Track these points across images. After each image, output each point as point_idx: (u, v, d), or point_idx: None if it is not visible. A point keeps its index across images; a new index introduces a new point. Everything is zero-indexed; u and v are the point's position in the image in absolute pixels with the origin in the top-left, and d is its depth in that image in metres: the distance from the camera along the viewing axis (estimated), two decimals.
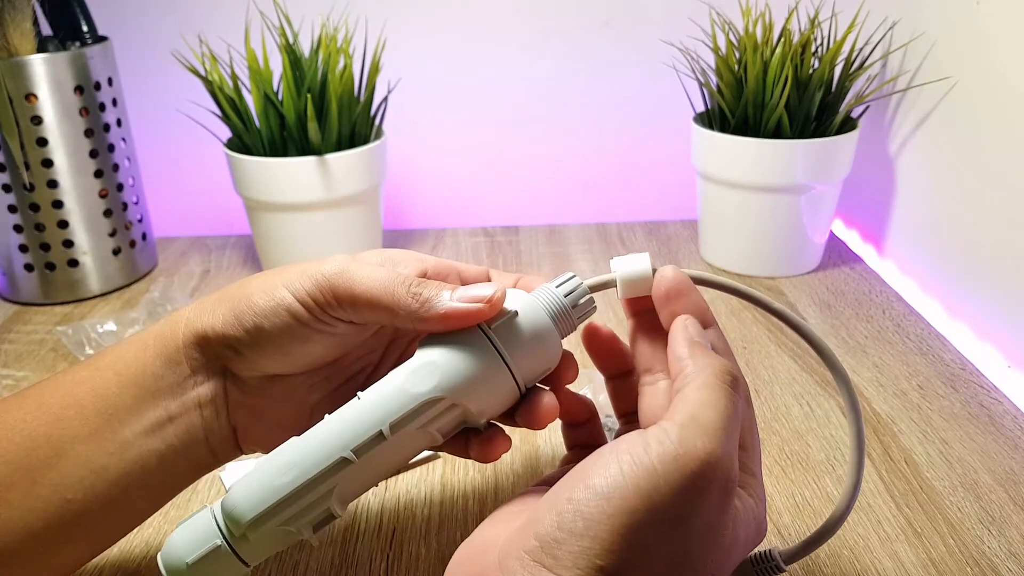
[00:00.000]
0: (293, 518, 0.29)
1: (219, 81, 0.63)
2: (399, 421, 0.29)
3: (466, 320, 0.30)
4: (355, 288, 0.31)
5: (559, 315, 0.31)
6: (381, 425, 0.29)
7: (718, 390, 0.27)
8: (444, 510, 0.43)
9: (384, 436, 0.29)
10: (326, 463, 0.29)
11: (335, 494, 0.29)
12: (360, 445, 0.29)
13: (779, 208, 0.67)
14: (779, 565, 0.32)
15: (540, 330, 0.31)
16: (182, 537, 0.29)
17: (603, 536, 0.24)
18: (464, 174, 0.84)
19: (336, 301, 0.31)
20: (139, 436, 0.32)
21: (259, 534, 0.29)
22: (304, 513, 0.29)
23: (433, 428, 0.30)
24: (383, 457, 0.30)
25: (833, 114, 0.65)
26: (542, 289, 0.32)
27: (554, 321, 0.31)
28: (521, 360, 0.30)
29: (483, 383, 0.30)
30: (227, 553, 0.29)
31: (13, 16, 0.60)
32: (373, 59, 0.66)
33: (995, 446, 0.47)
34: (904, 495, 0.43)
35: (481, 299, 0.30)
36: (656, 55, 0.76)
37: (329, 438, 0.29)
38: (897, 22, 0.68)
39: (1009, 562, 0.38)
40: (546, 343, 0.31)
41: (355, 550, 0.40)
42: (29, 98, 0.61)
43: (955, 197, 0.62)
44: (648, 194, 0.84)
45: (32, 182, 0.63)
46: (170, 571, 0.29)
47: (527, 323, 0.30)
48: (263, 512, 0.28)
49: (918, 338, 0.59)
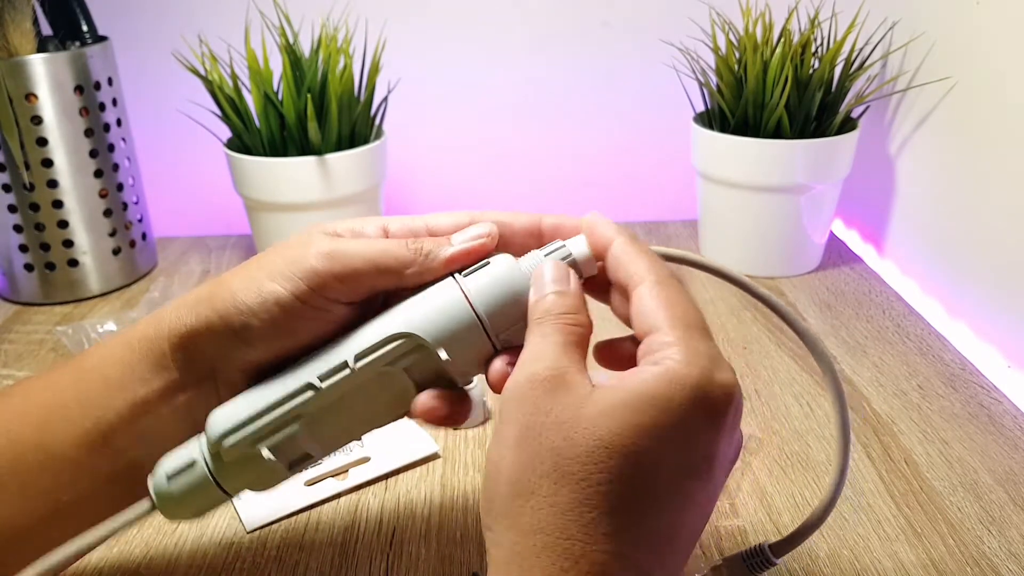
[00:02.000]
0: (263, 437, 0.30)
1: (219, 81, 0.63)
2: (364, 352, 0.30)
3: (471, 257, 0.31)
4: (354, 263, 0.30)
5: None
6: (347, 355, 0.30)
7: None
8: (444, 510, 0.43)
9: (349, 366, 0.30)
10: (294, 387, 0.30)
11: (307, 427, 0.30)
12: (325, 372, 0.30)
13: (779, 208, 0.67)
14: (770, 559, 0.32)
15: (514, 283, 0.30)
16: (169, 458, 0.31)
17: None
18: (464, 174, 0.84)
19: (338, 281, 0.30)
20: (130, 440, 0.32)
21: (233, 454, 0.30)
22: (273, 434, 0.30)
23: (401, 368, 0.30)
24: (354, 393, 0.30)
25: (833, 114, 0.65)
26: (529, 254, 0.32)
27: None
28: (493, 310, 0.30)
29: (448, 323, 0.30)
30: (203, 472, 0.30)
31: (13, 16, 0.60)
32: (373, 59, 0.66)
33: (995, 446, 0.47)
34: (904, 495, 0.43)
35: (481, 235, 0.31)
36: (656, 55, 0.76)
37: (300, 368, 0.30)
38: (897, 22, 0.68)
39: (1009, 562, 0.38)
40: (521, 298, 0.30)
41: (355, 550, 0.40)
42: (29, 98, 0.61)
43: (955, 197, 0.62)
44: (648, 194, 0.84)
45: (32, 182, 0.63)
46: (156, 489, 0.30)
47: (501, 275, 0.30)
48: (233, 426, 0.30)
49: (918, 338, 0.59)
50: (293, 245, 0.32)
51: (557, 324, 0.28)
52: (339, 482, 0.44)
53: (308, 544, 0.41)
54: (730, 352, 0.58)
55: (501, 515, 0.26)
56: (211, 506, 0.31)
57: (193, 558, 0.40)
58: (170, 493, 0.30)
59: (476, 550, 0.40)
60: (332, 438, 0.31)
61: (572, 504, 0.24)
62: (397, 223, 0.34)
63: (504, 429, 0.26)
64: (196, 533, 0.41)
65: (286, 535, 0.41)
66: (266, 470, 0.30)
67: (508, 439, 0.26)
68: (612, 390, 0.26)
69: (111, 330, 0.59)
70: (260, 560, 0.40)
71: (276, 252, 0.32)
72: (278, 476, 0.31)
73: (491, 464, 0.27)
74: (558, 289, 0.29)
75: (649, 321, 0.28)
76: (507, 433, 0.26)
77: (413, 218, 0.34)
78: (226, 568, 0.39)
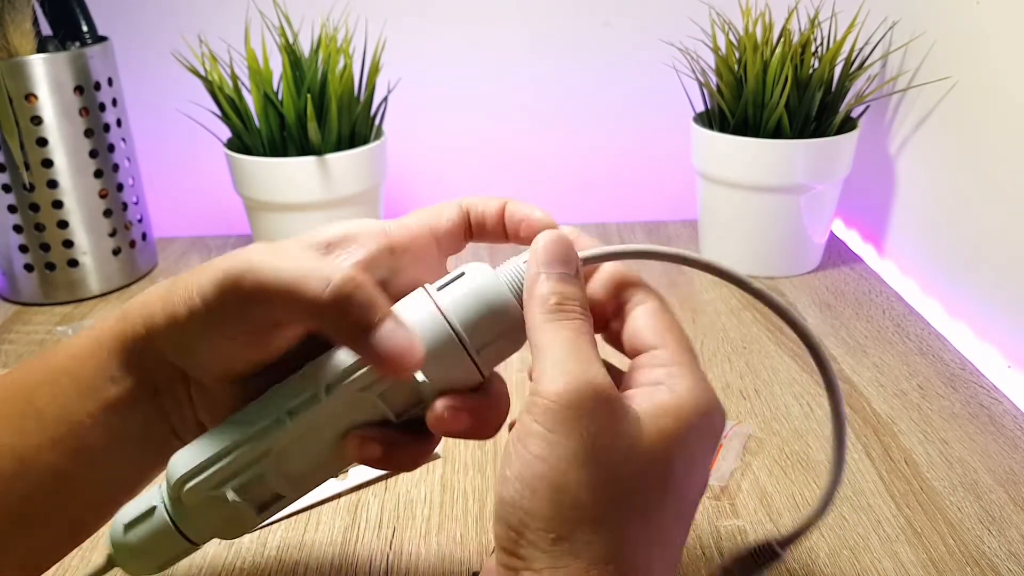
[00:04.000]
0: (227, 479, 0.27)
1: (219, 81, 0.63)
2: (335, 380, 0.27)
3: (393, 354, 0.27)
4: (265, 282, 0.26)
5: (518, 284, 0.29)
6: (317, 387, 0.28)
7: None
8: (444, 510, 0.43)
9: (319, 398, 0.27)
10: (259, 422, 0.28)
11: (275, 465, 0.28)
12: (294, 405, 0.27)
13: (779, 208, 0.67)
14: (776, 551, 0.32)
15: (492, 296, 0.28)
16: (127, 507, 0.29)
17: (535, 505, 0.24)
18: (464, 174, 0.84)
19: (241, 299, 0.27)
20: (105, 445, 0.30)
21: (194, 498, 0.27)
22: (238, 475, 0.27)
23: (376, 394, 0.27)
24: (325, 425, 0.28)
25: (833, 114, 0.65)
26: (508, 261, 0.30)
27: (513, 291, 0.29)
28: (471, 325, 0.28)
29: (425, 344, 0.27)
30: (164, 520, 0.28)
31: (13, 16, 0.60)
32: (373, 59, 0.66)
33: (995, 446, 0.47)
34: (904, 495, 0.43)
35: (403, 348, 0.26)
36: (656, 55, 0.76)
37: (267, 401, 0.28)
38: (897, 22, 0.68)
39: (1009, 562, 0.38)
40: (500, 312, 0.28)
41: (355, 550, 0.40)
42: (29, 98, 0.61)
43: (955, 197, 0.62)
44: (648, 194, 0.84)
45: (32, 182, 0.63)
46: (113, 540, 0.29)
47: (478, 288, 0.28)
48: (194, 467, 0.27)
49: (918, 338, 0.59)
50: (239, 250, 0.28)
51: (583, 319, 0.27)
52: (339, 482, 0.44)
53: (308, 544, 0.41)
54: (730, 352, 0.58)
55: (564, 538, 0.24)
56: (175, 558, 0.29)
57: (192, 558, 0.40)
58: (128, 544, 0.28)
59: (476, 550, 0.40)
60: (304, 476, 0.29)
61: (638, 537, 0.25)
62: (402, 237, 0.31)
63: (564, 443, 0.24)
64: None
65: (286, 534, 0.41)
66: (233, 514, 0.28)
67: (574, 456, 0.24)
68: (656, 418, 0.26)
69: None
70: (260, 560, 0.40)
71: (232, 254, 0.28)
72: (247, 521, 0.28)
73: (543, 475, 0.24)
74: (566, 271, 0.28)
75: (653, 338, 0.28)
76: (571, 449, 0.24)
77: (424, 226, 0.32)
78: (226, 567, 0.39)
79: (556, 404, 0.25)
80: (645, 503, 0.25)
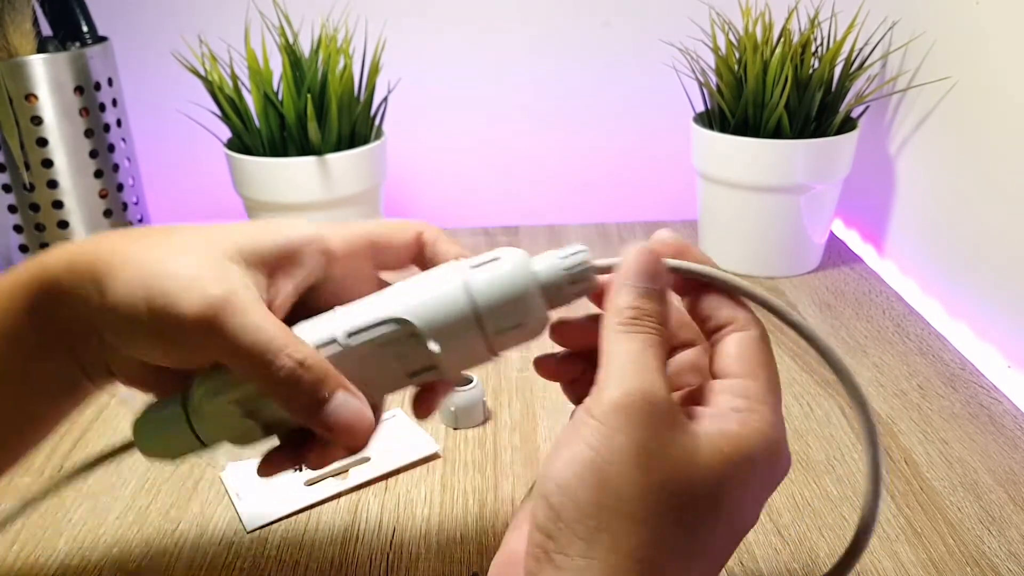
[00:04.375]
0: (240, 400, 0.29)
1: (219, 81, 0.63)
2: (356, 331, 0.29)
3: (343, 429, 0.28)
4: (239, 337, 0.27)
5: (550, 281, 0.29)
6: (337, 330, 0.29)
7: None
8: (444, 509, 0.43)
9: (338, 342, 0.29)
10: None
11: None
12: (314, 343, 0.29)
13: (779, 208, 0.67)
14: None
15: (522, 284, 0.29)
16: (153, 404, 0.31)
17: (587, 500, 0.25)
18: (464, 174, 0.84)
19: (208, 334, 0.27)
20: (20, 393, 0.31)
21: (208, 408, 0.29)
22: (251, 400, 0.29)
23: (392, 354, 0.29)
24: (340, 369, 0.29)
25: (833, 114, 0.65)
26: (545, 254, 0.30)
27: (542, 286, 0.29)
28: (494, 309, 0.29)
29: (444, 315, 0.28)
30: (180, 416, 0.29)
31: (13, 17, 0.60)
32: (373, 59, 0.66)
33: (995, 446, 0.47)
34: (904, 495, 0.43)
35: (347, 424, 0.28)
36: (656, 55, 0.76)
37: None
38: (897, 22, 0.68)
39: (1009, 562, 0.38)
40: (524, 303, 0.29)
41: (355, 549, 0.40)
42: (29, 98, 0.61)
43: (955, 197, 0.62)
44: (648, 194, 0.84)
45: (32, 182, 0.63)
46: (134, 421, 0.30)
47: (510, 273, 0.29)
48: (212, 384, 0.29)
49: (918, 338, 0.59)
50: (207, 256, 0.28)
51: (655, 334, 0.27)
52: (339, 482, 0.44)
53: (308, 544, 0.41)
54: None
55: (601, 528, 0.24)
56: (185, 451, 0.30)
57: (193, 557, 0.40)
58: (146, 428, 0.30)
59: (476, 549, 0.40)
60: None
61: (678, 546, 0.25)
62: (340, 242, 0.32)
63: (617, 437, 0.25)
64: (196, 533, 0.41)
65: (286, 535, 0.41)
66: (242, 430, 0.29)
67: (624, 452, 0.25)
68: (716, 438, 0.26)
69: None
70: (260, 560, 0.40)
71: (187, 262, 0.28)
72: (253, 436, 0.30)
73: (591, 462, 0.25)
74: (650, 286, 0.28)
75: (743, 368, 0.28)
76: (622, 444, 0.25)
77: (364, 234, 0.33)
78: (226, 567, 0.39)
79: (611, 406, 0.25)
80: (693, 518, 0.25)
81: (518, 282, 0.29)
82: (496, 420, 0.50)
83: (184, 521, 0.42)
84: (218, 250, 0.29)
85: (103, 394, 0.33)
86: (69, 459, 0.47)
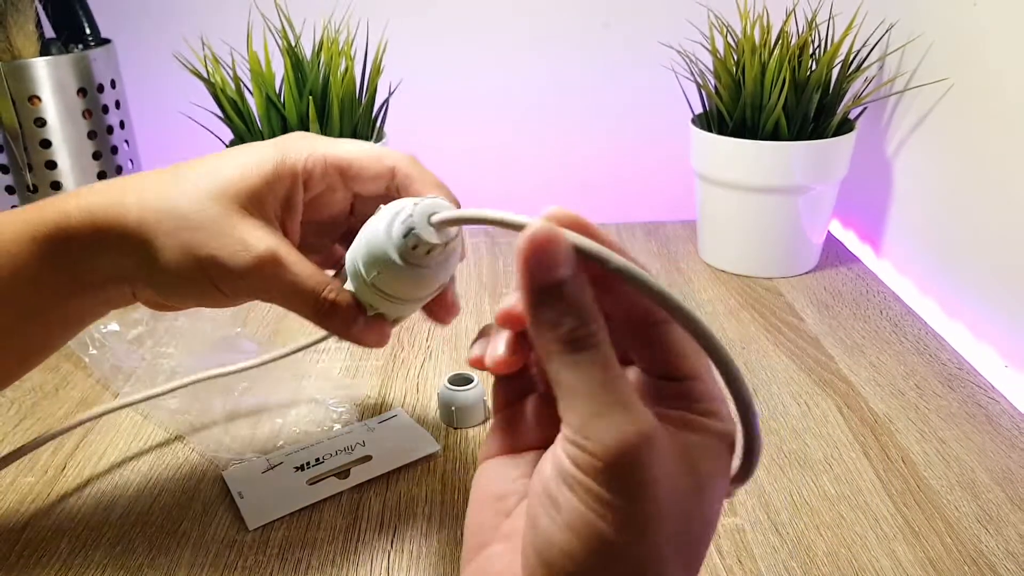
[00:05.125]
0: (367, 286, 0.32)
1: (221, 83, 0.64)
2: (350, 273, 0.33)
3: None
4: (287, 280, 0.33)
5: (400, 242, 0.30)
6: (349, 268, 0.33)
7: None
8: (445, 508, 0.43)
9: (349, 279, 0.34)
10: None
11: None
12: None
13: (777, 209, 0.67)
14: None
15: (373, 237, 0.31)
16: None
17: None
18: (464, 175, 0.84)
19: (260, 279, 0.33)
20: (52, 329, 0.36)
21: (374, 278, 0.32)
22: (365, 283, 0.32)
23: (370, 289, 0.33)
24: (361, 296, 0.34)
25: (831, 115, 0.66)
26: (413, 206, 0.30)
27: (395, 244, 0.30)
28: (365, 262, 0.32)
29: (365, 261, 0.32)
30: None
31: (16, 18, 0.60)
32: (375, 61, 0.67)
33: (992, 445, 0.47)
34: (901, 494, 0.44)
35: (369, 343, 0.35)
36: (655, 57, 0.76)
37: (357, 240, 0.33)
38: (894, 24, 0.68)
39: (1006, 561, 0.39)
40: (376, 253, 0.31)
41: (356, 548, 0.40)
42: (32, 100, 0.61)
43: (952, 197, 0.62)
44: (647, 195, 0.85)
45: (35, 184, 0.63)
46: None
47: (369, 227, 0.32)
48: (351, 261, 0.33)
49: (915, 338, 0.59)
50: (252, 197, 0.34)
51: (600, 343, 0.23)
52: (341, 480, 0.45)
53: (310, 542, 0.41)
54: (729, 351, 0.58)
55: None
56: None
57: (196, 556, 0.40)
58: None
59: None
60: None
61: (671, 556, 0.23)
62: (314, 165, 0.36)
63: (627, 507, 0.22)
64: (198, 531, 0.42)
65: (288, 533, 0.42)
66: (377, 305, 0.34)
67: (637, 519, 0.22)
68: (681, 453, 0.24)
69: (114, 330, 0.60)
70: (262, 558, 0.40)
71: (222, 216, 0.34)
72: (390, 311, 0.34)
73: (600, 535, 0.22)
74: (568, 285, 0.22)
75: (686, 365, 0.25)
76: (634, 511, 0.22)
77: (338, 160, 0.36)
78: (228, 566, 0.39)
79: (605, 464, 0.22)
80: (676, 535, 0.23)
81: (373, 232, 0.31)
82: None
83: (186, 520, 0.43)
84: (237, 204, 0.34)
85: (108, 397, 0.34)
86: (72, 459, 0.48)
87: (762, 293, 0.67)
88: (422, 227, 0.30)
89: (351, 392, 0.54)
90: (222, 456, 0.47)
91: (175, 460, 0.48)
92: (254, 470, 0.46)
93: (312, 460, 0.46)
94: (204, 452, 0.48)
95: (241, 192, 0.34)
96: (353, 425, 0.50)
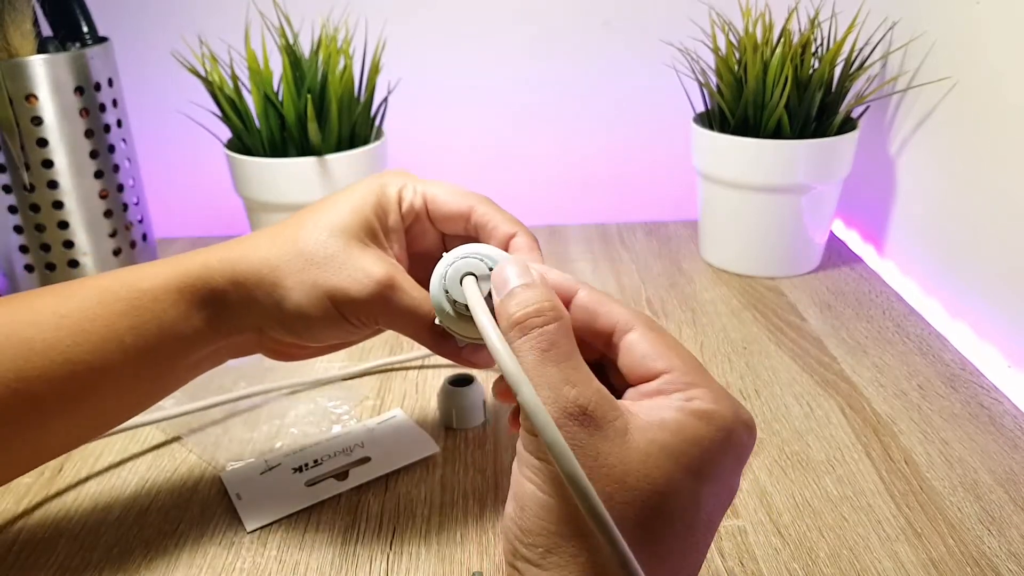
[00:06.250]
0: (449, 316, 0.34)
1: (219, 82, 0.64)
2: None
3: None
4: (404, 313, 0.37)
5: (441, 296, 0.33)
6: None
7: None
8: (444, 510, 0.43)
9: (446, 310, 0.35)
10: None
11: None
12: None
13: (779, 208, 0.67)
14: None
15: (435, 290, 0.34)
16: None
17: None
18: (464, 174, 0.84)
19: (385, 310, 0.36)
20: (179, 375, 0.38)
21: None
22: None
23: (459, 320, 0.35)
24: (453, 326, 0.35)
25: (833, 114, 0.65)
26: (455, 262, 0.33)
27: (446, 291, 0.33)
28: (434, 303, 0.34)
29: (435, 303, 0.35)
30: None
31: (13, 17, 0.60)
32: (373, 60, 0.66)
33: (995, 446, 0.47)
34: (904, 495, 0.43)
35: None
36: (656, 55, 0.76)
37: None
38: (897, 22, 0.68)
39: (1009, 562, 0.38)
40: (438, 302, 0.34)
41: (355, 550, 0.40)
42: (29, 99, 0.61)
43: (955, 197, 0.62)
44: (648, 194, 0.84)
45: (32, 183, 0.63)
46: None
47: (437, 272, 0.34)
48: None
49: (918, 338, 0.59)
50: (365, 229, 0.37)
51: (532, 337, 0.27)
52: (339, 482, 0.44)
53: (308, 544, 0.41)
54: (730, 352, 0.58)
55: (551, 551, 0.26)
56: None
57: (193, 558, 0.40)
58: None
59: (476, 550, 0.40)
60: None
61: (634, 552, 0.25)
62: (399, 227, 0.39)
63: (546, 467, 0.26)
64: (196, 533, 0.41)
65: (286, 535, 0.41)
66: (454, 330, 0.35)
67: (554, 477, 0.26)
68: (651, 431, 0.26)
69: None
70: (260, 560, 0.40)
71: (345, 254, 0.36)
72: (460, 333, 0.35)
73: (532, 495, 0.26)
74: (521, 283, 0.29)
75: (658, 364, 0.28)
76: (551, 470, 0.26)
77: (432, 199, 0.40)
78: (226, 568, 0.39)
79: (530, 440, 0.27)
80: (644, 522, 0.25)
81: (435, 285, 0.34)
82: (496, 420, 0.50)
83: (184, 521, 0.42)
84: (354, 238, 0.37)
85: None
86: (69, 459, 0.47)
87: (764, 293, 0.67)
88: (454, 289, 0.33)
89: (350, 393, 0.54)
90: (220, 457, 0.47)
91: (173, 461, 0.47)
92: (252, 471, 0.45)
93: (311, 461, 0.46)
94: (202, 453, 0.48)
95: (355, 226, 0.37)
96: (352, 426, 0.49)
